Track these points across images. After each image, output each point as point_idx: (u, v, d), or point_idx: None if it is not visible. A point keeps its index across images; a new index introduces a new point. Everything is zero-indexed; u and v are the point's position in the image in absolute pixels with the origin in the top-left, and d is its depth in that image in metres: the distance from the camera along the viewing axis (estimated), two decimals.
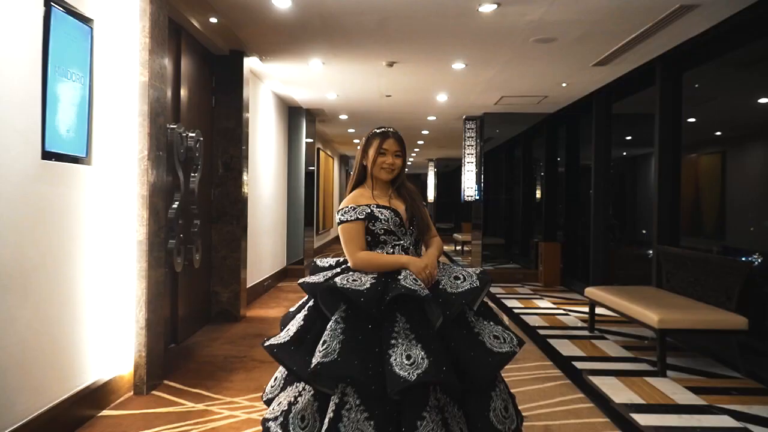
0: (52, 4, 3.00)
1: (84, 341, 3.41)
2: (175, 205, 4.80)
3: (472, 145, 10.72)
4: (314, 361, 2.13)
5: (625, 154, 9.64)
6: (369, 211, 2.46)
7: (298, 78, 7.44)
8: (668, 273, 5.68)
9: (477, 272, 2.38)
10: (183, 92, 5.34)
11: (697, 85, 6.73)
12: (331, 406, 2.14)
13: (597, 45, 5.66)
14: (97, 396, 3.53)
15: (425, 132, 13.11)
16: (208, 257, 6.10)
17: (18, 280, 2.81)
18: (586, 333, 5.91)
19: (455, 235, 16.03)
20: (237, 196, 6.29)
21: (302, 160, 9.96)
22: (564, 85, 7.56)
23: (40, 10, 2.93)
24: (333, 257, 2.63)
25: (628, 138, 9.11)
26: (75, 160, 3.28)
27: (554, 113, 9.90)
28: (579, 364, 4.76)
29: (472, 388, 2.24)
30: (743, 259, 5.13)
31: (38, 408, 2.97)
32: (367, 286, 2.25)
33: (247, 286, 6.76)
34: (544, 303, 7.74)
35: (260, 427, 3.24)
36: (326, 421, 2.13)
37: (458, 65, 6.60)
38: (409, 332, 2.20)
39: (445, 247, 15.37)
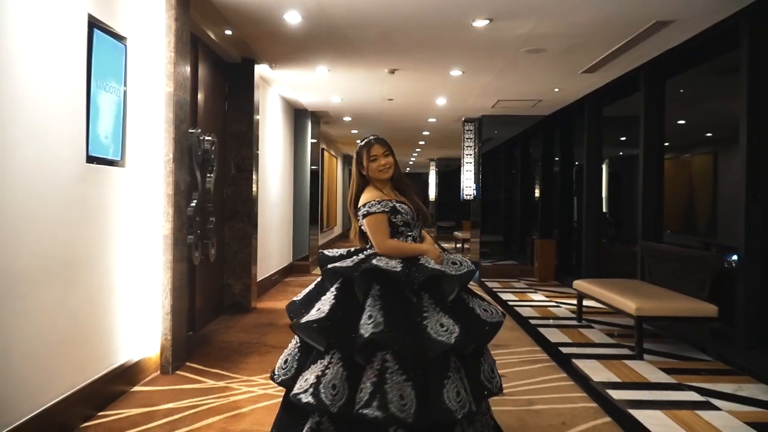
0: (94, 25, 3.43)
1: (118, 325, 3.84)
2: (193, 204, 5.21)
3: (471, 146, 11.15)
4: (366, 332, 2.46)
5: (621, 154, 10.06)
6: (392, 205, 2.85)
7: (305, 83, 7.87)
8: (650, 267, 6.11)
9: (467, 260, 2.81)
10: (200, 98, 5.76)
11: (682, 90, 7.16)
12: (373, 372, 2.46)
13: (583, 55, 6.08)
14: (129, 374, 3.96)
15: (426, 133, 13.54)
16: (222, 252, 6.53)
17: (67, 270, 3.24)
18: (574, 323, 6.33)
19: (456, 233, 16.46)
20: (248, 195, 6.72)
21: (307, 160, 10.39)
22: (556, 90, 7.98)
23: (84, 31, 3.36)
24: (335, 250, 2.96)
25: (623, 139, 9.54)
26: (111, 163, 3.71)
27: (549, 115, 10.32)
28: (565, 350, 5.18)
29: (468, 353, 2.67)
30: (733, 257, 5.48)
31: (82, 381, 3.40)
32: (399, 269, 2.66)
33: (257, 280, 7.19)
34: (537, 296, 8.16)
35: (276, 400, 3.68)
36: (369, 383, 2.44)
37: (456, 72, 7.03)
38: (435, 306, 2.62)
39: (446, 245, 15.81)
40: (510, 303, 7.55)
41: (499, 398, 3.77)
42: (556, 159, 10.69)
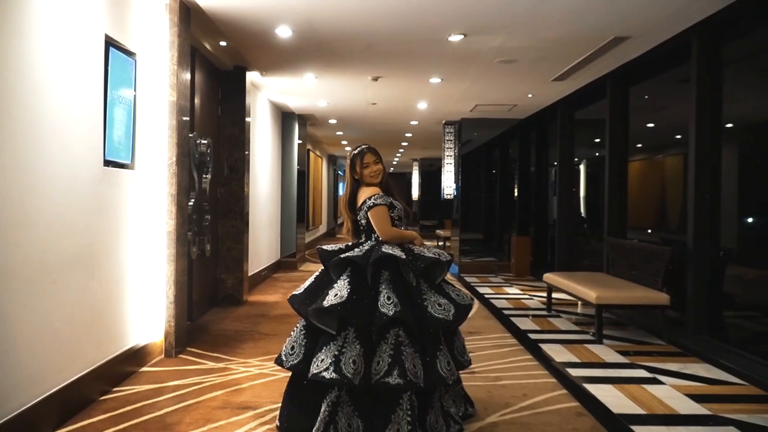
0: (110, 44, 3.86)
1: (128, 311, 4.27)
2: (191, 203, 5.64)
3: (451, 147, 11.65)
4: (390, 311, 2.92)
5: (597, 155, 10.59)
6: (391, 200, 3.41)
7: (293, 89, 8.31)
8: (613, 260, 6.63)
9: (444, 252, 3.32)
10: (196, 103, 6.18)
11: (647, 96, 7.69)
12: (389, 347, 2.92)
13: (551, 65, 6.59)
14: (137, 356, 4.39)
15: (408, 134, 14.03)
16: (216, 248, 6.95)
17: (88, 261, 3.67)
18: (544, 313, 6.84)
19: (438, 231, 16.95)
20: (240, 194, 7.15)
21: (294, 161, 10.83)
22: (530, 95, 8.49)
23: (102, 50, 3.78)
24: (332, 245, 3.41)
25: (597, 140, 10.06)
26: (123, 166, 4.14)
27: (525, 119, 10.84)
28: (533, 336, 5.68)
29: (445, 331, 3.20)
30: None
31: (100, 360, 3.82)
32: (404, 256, 3.16)
33: (249, 275, 7.62)
34: (512, 290, 8.68)
35: (271, 378, 4.13)
36: (386, 356, 2.90)
37: (435, 79, 7.51)
38: (430, 288, 3.16)
39: (429, 243, 16.30)
40: (486, 296, 8.05)
41: (469, 375, 4.27)
42: (533, 160, 11.21)
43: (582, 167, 9.82)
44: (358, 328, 2.98)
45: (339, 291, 3.03)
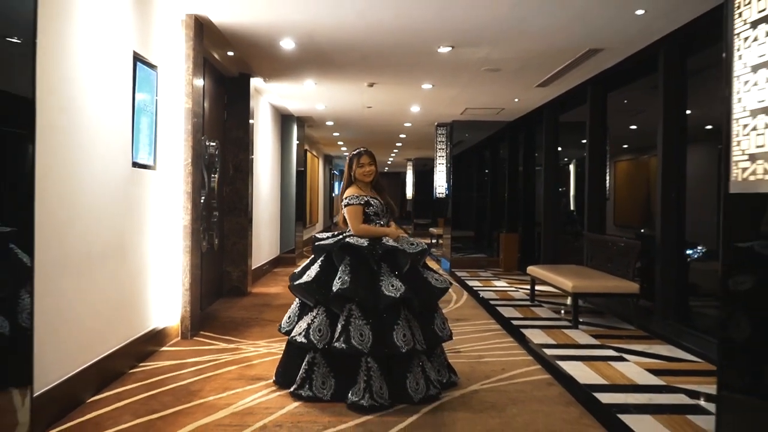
0: (137, 59, 4.36)
1: (150, 297, 4.77)
2: (202, 200, 6.15)
3: (443, 148, 12.18)
4: (335, 288, 3.57)
5: (586, 155, 11.12)
6: (366, 199, 3.94)
7: (294, 93, 8.83)
8: (592, 254, 7.17)
9: (422, 242, 3.87)
10: (205, 108, 6.68)
11: (626, 101, 8.23)
12: (343, 318, 3.59)
13: (534, 73, 7.13)
14: (157, 337, 4.89)
15: (402, 135, 14.55)
16: (222, 243, 7.45)
17: (119, 251, 4.17)
18: (528, 303, 7.37)
19: (431, 229, 17.48)
20: (244, 193, 7.66)
21: (293, 161, 11.33)
22: (516, 100, 9.03)
23: (131, 65, 4.28)
24: (326, 234, 4.05)
25: (584, 141, 10.59)
26: (146, 167, 4.64)
27: (514, 121, 11.37)
28: (515, 322, 6.20)
29: (424, 309, 3.73)
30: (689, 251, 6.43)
31: (128, 338, 4.33)
32: (365, 244, 3.74)
33: (252, 269, 8.12)
34: (500, 283, 9.21)
35: (277, 356, 4.63)
36: (339, 326, 3.57)
37: (427, 86, 8.04)
38: (390, 273, 3.71)
39: (422, 240, 16.79)
40: (475, 288, 8.58)
41: (455, 354, 4.80)
42: (521, 160, 11.74)
43: (572, 167, 10.36)
44: (322, 302, 3.72)
45: (311, 272, 3.81)
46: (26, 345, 2.69)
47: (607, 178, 7.91)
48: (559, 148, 10.22)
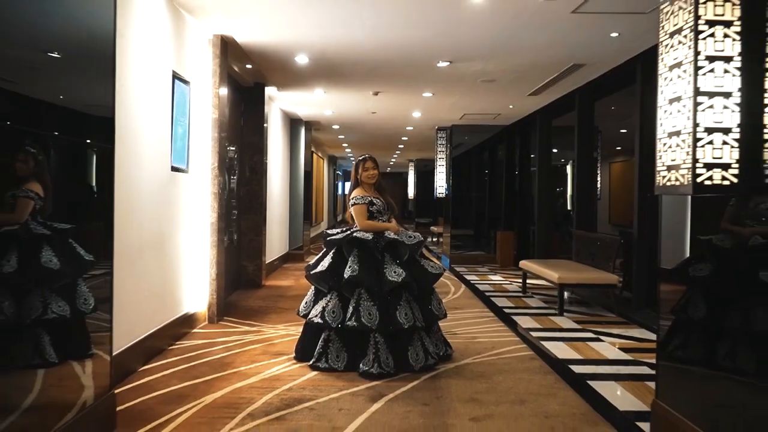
0: (175, 77, 5.02)
1: (183, 285, 5.42)
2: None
3: (443, 150, 12.83)
4: (347, 275, 4.23)
5: (575, 157, 11.78)
6: (370, 199, 4.60)
7: (304, 101, 9.50)
8: (579, 250, 7.82)
9: (419, 235, 4.53)
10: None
11: (613, 107, 8.89)
12: (353, 300, 4.24)
13: (526, 84, 7.78)
14: (189, 321, 5.55)
15: (405, 138, 15.22)
16: (240, 239, 8.11)
17: (158, 244, 4.83)
18: (520, 294, 8.02)
19: (432, 227, 18.14)
20: (259, 193, 8.32)
21: (301, 163, 11.99)
22: (511, 106, 9.68)
23: (170, 82, 4.94)
24: (335, 229, 4.72)
25: None
26: (181, 170, 5.29)
27: (510, 125, 12.02)
28: (507, 310, 6.86)
29: (421, 292, 4.38)
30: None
31: (167, 319, 4.98)
32: (370, 238, 4.38)
33: (265, 263, 8.78)
34: (496, 277, 9.86)
35: (295, 336, 5.27)
36: (351, 307, 4.22)
37: (427, 94, 8.70)
38: (392, 261, 4.38)
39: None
40: (472, 281, 9.23)
41: (451, 335, 5.44)
42: (518, 162, 12.38)
43: (569, 168, 10.99)
44: (335, 287, 4.39)
45: (324, 262, 4.47)
46: (108, 317, 3.28)
47: (600, 178, 8.56)
48: (556, 150, 10.89)
